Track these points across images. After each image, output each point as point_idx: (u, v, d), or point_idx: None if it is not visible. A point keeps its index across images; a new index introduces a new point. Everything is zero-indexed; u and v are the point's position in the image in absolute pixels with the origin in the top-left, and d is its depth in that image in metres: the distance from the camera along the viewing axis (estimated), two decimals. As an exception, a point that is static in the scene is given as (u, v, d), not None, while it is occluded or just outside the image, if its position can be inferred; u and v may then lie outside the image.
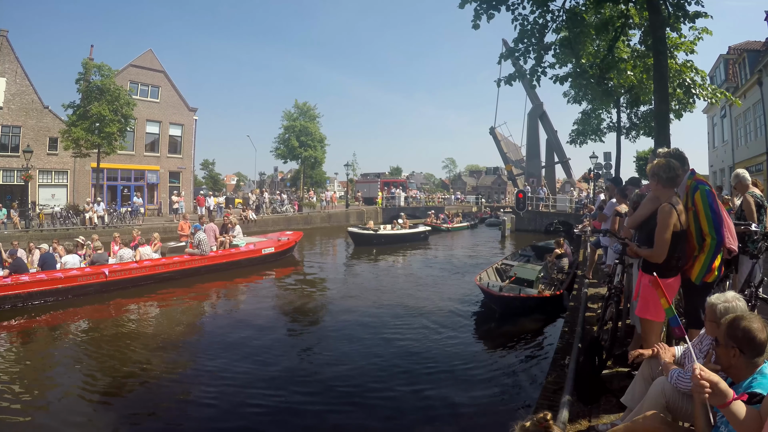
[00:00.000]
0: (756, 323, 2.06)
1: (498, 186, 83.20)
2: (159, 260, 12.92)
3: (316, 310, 11.00)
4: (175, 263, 13.15)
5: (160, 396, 5.99)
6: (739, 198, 5.50)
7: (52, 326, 9.31)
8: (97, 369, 6.96)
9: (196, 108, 34.92)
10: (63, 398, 5.91)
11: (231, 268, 14.44)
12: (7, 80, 25.71)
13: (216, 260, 14.15)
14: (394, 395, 5.97)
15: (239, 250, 15.10)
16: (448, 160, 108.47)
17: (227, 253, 14.67)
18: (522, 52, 9.14)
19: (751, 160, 21.68)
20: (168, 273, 12.82)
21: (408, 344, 7.96)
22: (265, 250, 15.92)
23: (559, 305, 9.26)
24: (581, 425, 3.31)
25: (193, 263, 13.45)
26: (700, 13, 8.70)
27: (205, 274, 13.58)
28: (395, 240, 22.31)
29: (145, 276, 12.28)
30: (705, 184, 3.56)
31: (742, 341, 2.06)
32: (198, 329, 9.39)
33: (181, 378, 6.58)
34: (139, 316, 10.20)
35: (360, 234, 21.63)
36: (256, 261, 15.50)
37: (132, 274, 12.00)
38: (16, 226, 20.56)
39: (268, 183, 61.19)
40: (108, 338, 8.39)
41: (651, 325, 3.52)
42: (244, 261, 15.05)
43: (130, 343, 8.12)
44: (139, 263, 12.25)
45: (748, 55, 22.01)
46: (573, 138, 21.29)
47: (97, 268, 11.51)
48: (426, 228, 24.77)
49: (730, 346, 2.10)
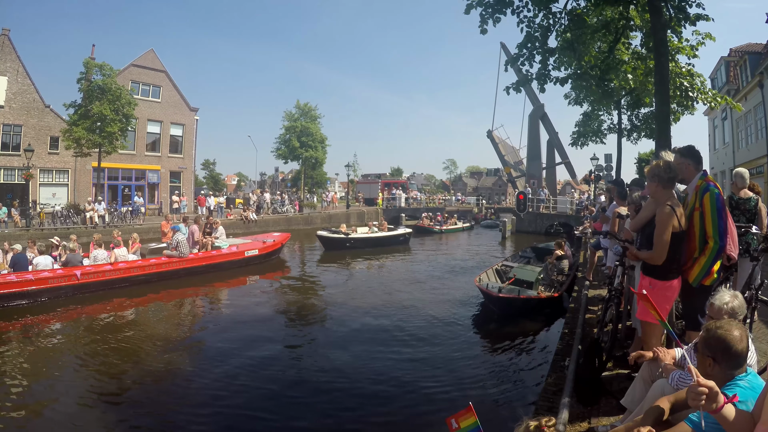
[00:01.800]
0: (735, 332, 1.94)
1: (499, 187, 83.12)
2: (135, 262, 12.29)
3: (301, 314, 10.45)
4: (152, 265, 12.47)
5: (119, 407, 5.68)
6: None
7: (16, 330, 8.80)
8: (57, 377, 6.57)
9: (197, 108, 34.97)
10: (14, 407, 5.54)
11: (212, 271, 13.81)
12: (8, 79, 25.76)
13: (195, 263, 13.45)
14: (392, 396, 5.97)
15: (221, 253, 14.40)
16: (449, 161, 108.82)
17: (207, 256, 13.93)
18: (527, 56, 9.19)
19: (751, 162, 21.66)
20: (144, 276, 12.18)
21: (406, 345, 7.95)
22: (248, 253, 15.22)
23: (559, 307, 9.26)
24: (581, 427, 3.31)
25: (170, 266, 12.75)
26: (701, 15, 8.74)
27: (184, 278, 12.87)
28: (369, 244, 20.97)
29: (120, 279, 11.68)
30: (715, 186, 3.53)
31: (716, 351, 1.96)
32: (162, 337, 8.50)
33: (140, 392, 6.10)
34: (106, 321, 9.51)
35: (329, 238, 20.43)
36: (238, 264, 14.80)
37: (105, 277, 11.44)
38: (16, 224, 20.59)
39: (269, 183, 61.18)
40: (68, 345, 7.97)
41: (652, 328, 3.53)
42: (225, 264, 14.39)
43: (87, 351, 7.58)
44: (114, 265, 11.73)
45: (749, 58, 22.00)
46: (574, 139, 21.31)
47: (69, 270, 11.01)
48: (406, 231, 23.28)
49: (705, 355, 2.01)
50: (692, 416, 1.95)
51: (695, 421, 1.91)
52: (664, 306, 3.48)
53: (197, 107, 34.93)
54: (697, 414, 1.93)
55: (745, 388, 1.94)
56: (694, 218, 3.50)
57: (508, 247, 22.95)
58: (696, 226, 3.49)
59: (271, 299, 11.94)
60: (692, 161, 3.70)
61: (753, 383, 1.99)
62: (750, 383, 1.97)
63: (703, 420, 1.82)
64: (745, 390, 1.93)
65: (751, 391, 1.92)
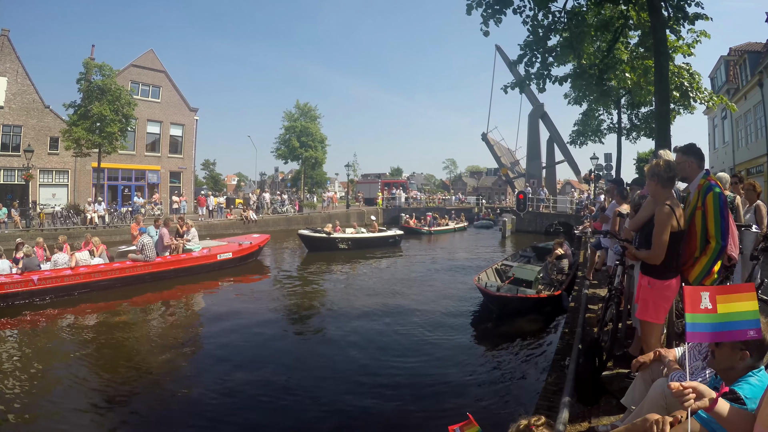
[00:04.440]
0: (762, 325, 2.01)
1: (499, 187, 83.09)
2: (96, 267, 11.53)
3: (274, 322, 9.57)
4: (115, 270, 11.74)
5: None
6: None
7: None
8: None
9: (197, 108, 34.99)
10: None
11: (181, 275, 12.96)
12: (8, 80, 25.78)
13: (162, 267, 12.70)
14: (390, 397, 5.94)
15: (190, 256, 13.55)
16: (449, 161, 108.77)
17: (176, 259, 13.12)
18: (530, 57, 9.22)
19: (751, 161, 21.68)
20: (106, 281, 11.47)
21: (403, 345, 7.92)
22: (221, 256, 14.40)
23: (558, 306, 9.26)
24: (581, 426, 3.31)
25: (135, 270, 12.03)
26: (699, 14, 8.76)
27: (149, 283, 12.13)
28: (356, 245, 19.85)
29: (80, 284, 11.03)
30: (718, 186, 3.52)
31: (752, 344, 2.00)
32: (116, 348, 7.80)
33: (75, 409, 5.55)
34: (56, 329, 8.84)
35: (311, 237, 19.44)
36: (210, 268, 13.99)
37: (64, 282, 10.78)
38: (16, 225, 20.59)
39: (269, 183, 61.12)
40: (11, 356, 7.41)
41: (651, 328, 3.52)
42: (196, 268, 13.56)
43: (28, 363, 7.04)
44: (74, 270, 11.02)
45: (749, 57, 22.01)
46: (573, 139, 21.34)
47: (26, 275, 10.41)
48: (396, 232, 22.21)
49: (739, 348, 2.03)
50: (701, 413, 1.95)
51: (704, 417, 1.91)
52: (663, 305, 3.48)
53: (197, 107, 34.99)
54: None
55: (754, 385, 1.95)
56: (696, 217, 3.48)
57: (508, 247, 22.91)
58: (697, 225, 3.47)
59: (239, 306, 10.87)
60: (695, 159, 3.69)
61: (762, 380, 1.99)
62: (761, 381, 1.98)
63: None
64: (754, 388, 1.94)
65: (760, 390, 1.92)
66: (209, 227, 24.86)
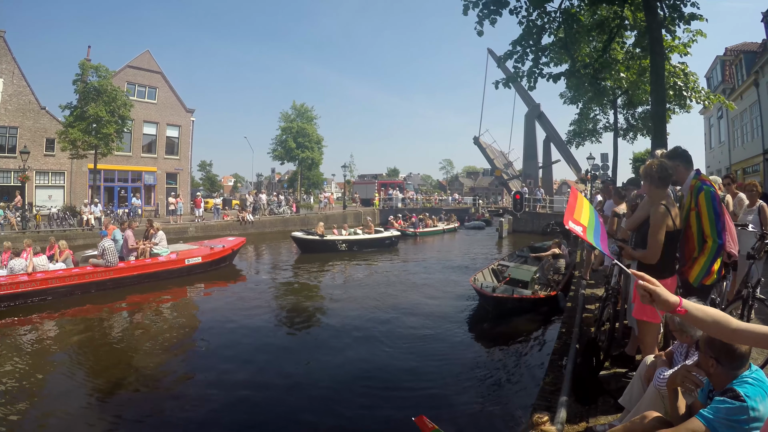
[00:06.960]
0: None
1: (495, 187, 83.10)
2: (54, 272, 10.95)
3: (268, 327, 9.21)
4: (73, 276, 11.13)
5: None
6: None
7: None
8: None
9: (194, 109, 34.93)
10: None
11: (145, 281, 12.33)
12: (4, 81, 25.64)
13: (124, 272, 12.00)
14: (387, 397, 5.94)
15: (156, 261, 12.90)
16: (446, 162, 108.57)
17: (140, 264, 12.44)
18: (520, 54, 9.23)
19: (747, 161, 21.77)
20: (64, 287, 10.85)
21: (399, 346, 7.90)
22: (189, 261, 13.67)
23: (554, 306, 9.26)
24: (579, 426, 3.31)
25: (95, 276, 11.40)
26: (695, 15, 8.81)
27: (111, 290, 11.48)
28: (350, 247, 19.49)
29: (36, 291, 10.42)
30: (710, 185, 3.53)
31: (720, 352, 1.98)
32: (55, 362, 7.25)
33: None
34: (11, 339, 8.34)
35: (304, 239, 19.17)
36: (177, 273, 13.23)
37: (19, 289, 10.20)
38: (13, 227, 20.48)
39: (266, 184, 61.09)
40: None
41: (648, 327, 3.53)
42: (162, 273, 12.85)
43: None
44: (31, 276, 10.47)
45: (745, 57, 22.11)
46: (569, 138, 21.39)
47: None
48: (393, 233, 21.82)
49: (708, 355, 2.03)
50: (703, 411, 1.95)
51: (707, 416, 1.91)
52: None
53: (193, 108, 34.91)
54: (708, 410, 1.94)
55: (753, 384, 1.93)
56: (691, 218, 3.49)
57: (505, 247, 22.92)
58: (693, 226, 3.48)
59: (208, 313, 10.40)
60: (681, 162, 3.70)
61: (759, 379, 1.97)
62: (756, 380, 1.96)
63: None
64: (753, 387, 1.92)
65: (759, 389, 1.91)
66: (205, 228, 24.82)
